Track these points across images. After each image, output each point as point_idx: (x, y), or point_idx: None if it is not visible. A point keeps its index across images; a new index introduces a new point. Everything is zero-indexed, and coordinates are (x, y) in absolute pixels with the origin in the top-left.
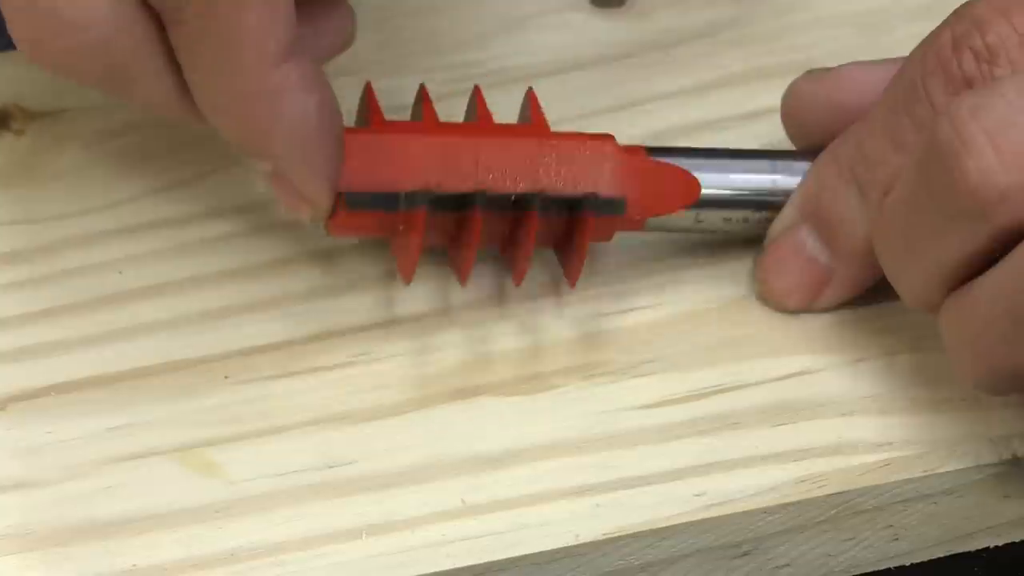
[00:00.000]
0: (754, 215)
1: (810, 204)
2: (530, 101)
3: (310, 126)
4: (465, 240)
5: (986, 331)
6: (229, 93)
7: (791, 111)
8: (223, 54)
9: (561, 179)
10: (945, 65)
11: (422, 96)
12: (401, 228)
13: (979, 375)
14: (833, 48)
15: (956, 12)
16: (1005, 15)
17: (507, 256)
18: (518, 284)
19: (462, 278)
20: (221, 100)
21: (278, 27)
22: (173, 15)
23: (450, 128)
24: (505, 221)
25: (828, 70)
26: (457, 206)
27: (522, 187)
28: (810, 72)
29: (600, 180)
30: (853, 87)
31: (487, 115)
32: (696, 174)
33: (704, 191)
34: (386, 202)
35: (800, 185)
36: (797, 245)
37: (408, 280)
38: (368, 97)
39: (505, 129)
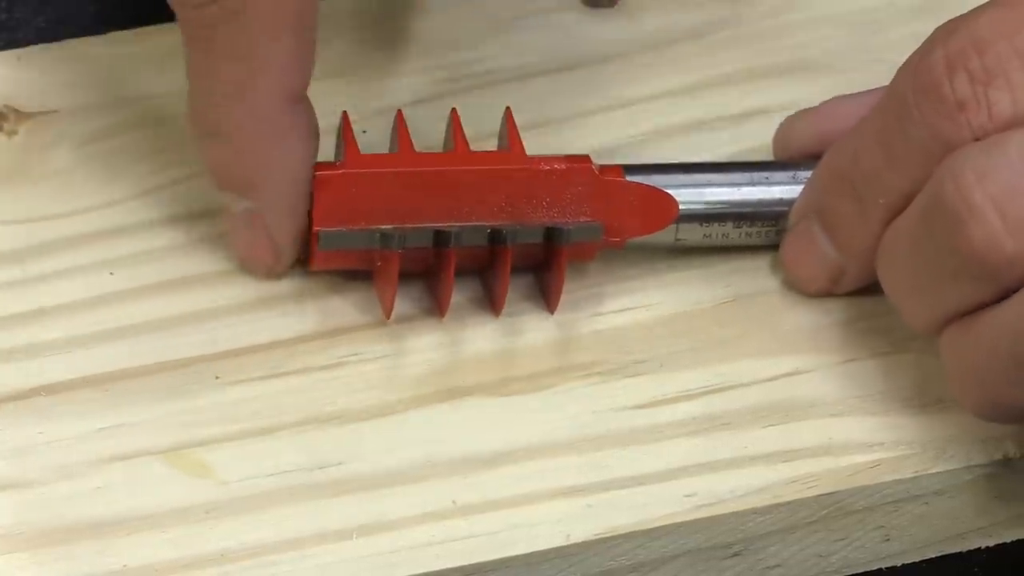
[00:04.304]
0: (734, 229)
1: (816, 202)
2: (507, 122)
3: (305, 172)
4: (441, 277)
5: (989, 367)
6: (236, 122)
7: (782, 147)
8: (244, 79)
9: (536, 211)
10: (937, 85)
11: (398, 123)
12: (379, 264)
13: (979, 405)
14: (826, 48)
15: (953, 26)
16: (1007, 36)
17: (485, 285)
18: (497, 315)
19: (441, 311)
20: (225, 127)
21: (305, 63)
22: (197, 29)
23: (424, 161)
24: (482, 251)
25: (814, 107)
26: (432, 241)
27: (496, 220)
28: (797, 112)
29: (576, 210)
30: (838, 118)
31: (463, 141)
32: (673, 190)
33: (682, 207)
34: (360, 239)
35: (810, 178)
36: (809, 238)
37: (388, 316)
38: (344, 129)
39: (480, 159)
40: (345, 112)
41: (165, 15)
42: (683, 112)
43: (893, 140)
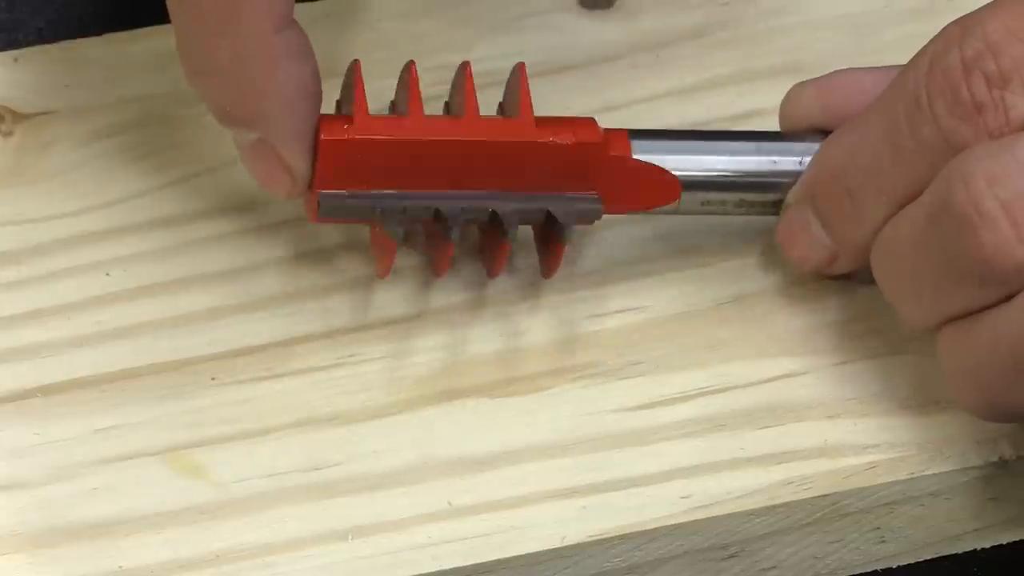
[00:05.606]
0: (733, 198)
1: (811, 191)
2: (520, 81)
3: (304, 93)
4: (439, 243)
5: (987, 368)
6: (228, 56)
7: (787, 115)
8: (227, 13)
9: (539, 182)
10: (955, 88)
11: (409, 78)
12: (377, 228)
13: (976, 405)
14: (822, 50)
15: (964, 27)
16: (1020, 37)
17: (484, 251)
18: (492, 277)
19: (438, 270)
20: (218, 63)
21: None
22: None
23: (432, 128)
24: (481, 223)
25: (820, 77)
26: (432, 214)
27: (498, 189)
28: (804, 81)
29: (578, 184)
30: (845, 91)
31: (473, 104)
32: (674, 156)
33: (683, 173)
34: (360, 209)
35: (808, 164)
36: (804, 222)
37: (383, 275)
38: (357, 83)
39: (488, 128)
40: (358, 62)
41: (163, 16)
42: (680, 113)
43: (901, 138)
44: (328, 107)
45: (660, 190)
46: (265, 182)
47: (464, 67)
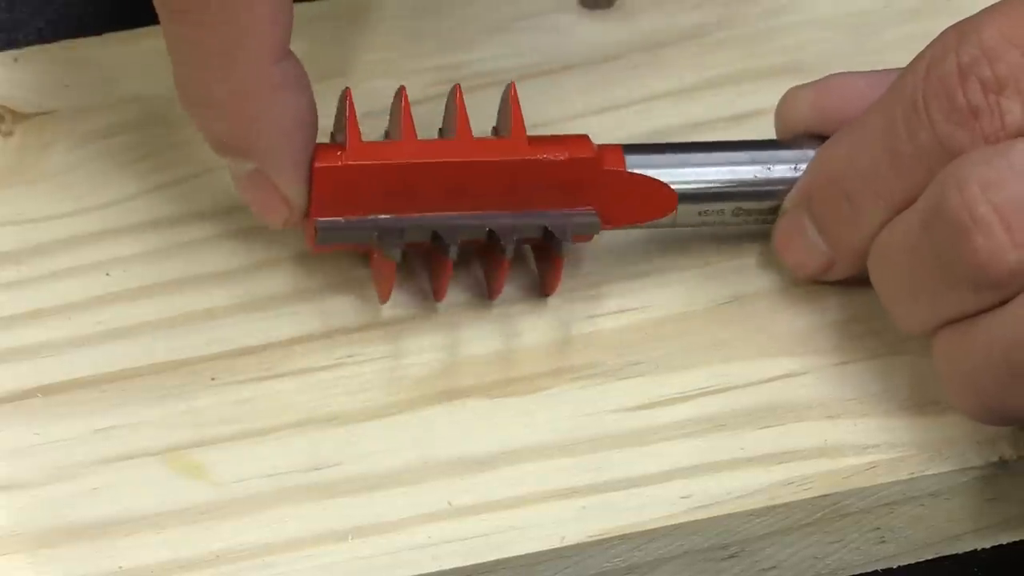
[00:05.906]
0: (731, 208)
1: (807, 197)
2: (511, 100)
3: (301, 124)
4: (440, 263)
5: (982, 372)
6: (227, 87)
7: (782, 118)
8: (227, 46)
9: (535, 200)
10: (951, 94)
11: (401, 103)
12: (376, 254)
13: (973, 409)
14: (821, 50)
15: (961, 32)
16: (1015, 43)
17: (483, 270)
18: (492, 299)
19: (437, 296)
20: (216, 95)
21: (283, 20)
22: (173, 3)
23: (426, 151)
24: (480, 241)
25: (814, 81)
26: (430, 236)
27: (495, 209)
28: (798, 85)
29: (575, 199)
30: (841, 95)
31: (465, 126)
32: (670, 170)
33: (679, 187)
34: (358, 234)
35: (805, 170)
36: (800, 228)
37: (384, 300)
38: (349, 111)
39: (482, 149)
40: (348, 90)
41: None
42: (680, 113)
43: (899, 142)
44: (326, 117)
45: (657, 203)
46: (262, 212)
47: (454, 90)
